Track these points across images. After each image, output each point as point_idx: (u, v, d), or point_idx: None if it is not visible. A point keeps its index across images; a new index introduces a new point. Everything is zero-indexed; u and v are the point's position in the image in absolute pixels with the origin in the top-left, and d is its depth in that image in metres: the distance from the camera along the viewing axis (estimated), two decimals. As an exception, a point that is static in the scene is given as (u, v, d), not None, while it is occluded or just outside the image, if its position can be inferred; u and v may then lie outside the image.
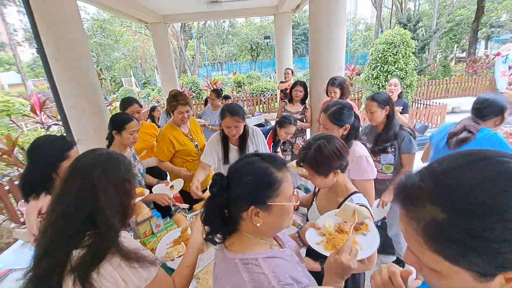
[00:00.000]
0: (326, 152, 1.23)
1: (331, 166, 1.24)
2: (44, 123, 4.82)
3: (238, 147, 2.20)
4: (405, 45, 6.03)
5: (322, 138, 1.27)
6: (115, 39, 18.38)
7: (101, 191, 0.86)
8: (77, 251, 0.81)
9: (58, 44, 3.10)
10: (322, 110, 1.77)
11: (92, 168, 0.88)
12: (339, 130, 1.69)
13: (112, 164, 0.93)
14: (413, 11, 16.97)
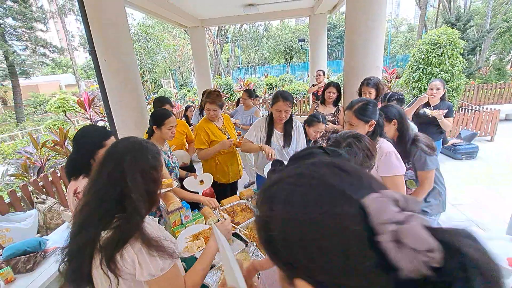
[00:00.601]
0: (357, 151, 1.19)
1: (362, 166, 1.19)
2: (92, 118, 5.29)
3: (283, 133, 2.37)
4: (452, 45, 5.58)
5: (352, 136, 1.23)
6: (157, 43, 19.59)
7: (129, 176, 0.91)
8: (105, 232, 0.87)
9: (108, 46, 3.41)
10: (347, 107, 1.73)
11: (124, 154, 0.94)
12: (365, 126, 1.65)
13: (142, 152, 0.98)
14: (463, 9, 15.64)
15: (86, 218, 0.89)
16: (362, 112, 1.64)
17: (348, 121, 1.72)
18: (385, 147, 1.61)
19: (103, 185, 0.91)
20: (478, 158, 4.82)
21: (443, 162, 4.83)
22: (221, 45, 22.46)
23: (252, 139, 2.41)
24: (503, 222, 3.03)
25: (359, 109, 1.65)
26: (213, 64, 22.15)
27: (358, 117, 1.65)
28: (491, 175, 4.17)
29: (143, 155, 0.97)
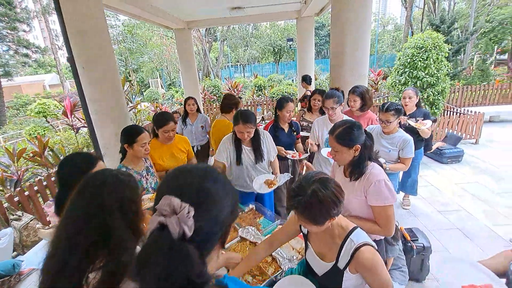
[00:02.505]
0: (322, 199, 1.08)
1: (329, 214, 1.11)
2: (74, 125, 5.10)
3: (252, 148, 2.40)
4: (437, 49, 5.64)
5: (317, 181, 1.12)
6: (143, 43, 19.19)
7: (107, 213, 0.85)
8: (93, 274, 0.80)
9: (86, 53, 3.26)
10: (329, 131, 1.63)
11: (99, 190, 0.89)
12: (349, 152, 1.54)
13: (118, 186, 0.93)
14: (447, 11, 15.95)
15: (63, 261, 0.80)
16: (344, 137, 1.53)
17: (331, 146, 1.62)
18: (375, 174, 1.52)
19: (79, 225, 0.84)
20: (464, 162, 4.90)
21: (430, 166, 4.89)
22: (210, 43, 22.20)
23: (221, 159, 2.38)
24: (487, 229, 3.07)
25: (340, 134, 1.55)
26: (202, 63, 21.89)
27: (340, 142, 1.54)
28: (475, 180, 4.24)
29: (119, 189, 0.92)
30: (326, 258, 1.28)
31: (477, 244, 2.85)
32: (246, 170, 2.45)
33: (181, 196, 0.55)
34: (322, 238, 1.30)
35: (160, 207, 0.53)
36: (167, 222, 0.51)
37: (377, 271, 1.12)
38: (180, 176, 0.62)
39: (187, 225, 0.52)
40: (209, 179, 0.61)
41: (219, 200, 0.60)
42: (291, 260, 1.70)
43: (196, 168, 0.64)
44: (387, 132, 2.54)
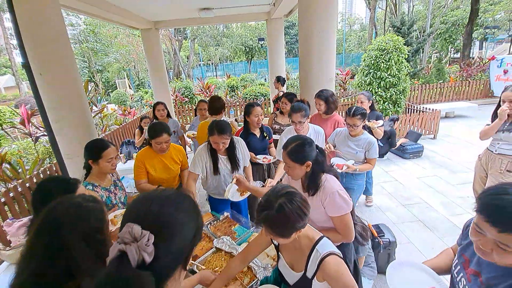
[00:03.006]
0: (289, 214, 1.12)
1: (294, 228, 1.15)
2: (33, 134, 4.72)
3: (228, 156, 2.41)
4: (397, 51, 6.01)
5: (284, 196, 1.16)
6: (108, 42, 18.18)
7: (71, 247, 0.82)
8: None
9: (44, 59, 3.05)
10: (282, 146, 1.70)
11: (60, 224, 0.85)
12: (301, 168, 1.60)
13: (82, 216, 0.89)
14: (406, 13, 16.99)
15: None
16: (296, 154, 1.59)
17: (284, 161, 1.67)
18: (328, 188, 1.58)
19: (40, 261, 0.81)
20: (424, 157, 5.28)
21: (394, 161, 5.20)
22: (180, 42, 21.62)
23: (197, 171, 2.34)
24: (445, 220, 3.34)
25: (292, 151, 1.60)
26: (172, 63, 21.27)
27: (292, 159, 1.60)
28: (434, 174, 4.59)
29: (84, 218, 0.89)
30: (296, 268, 1.33)
31: (437, 235, 3.09)
32: (224, 179, 2.45)
33: (142, 224, 0.57)
34: (291, 249, 1.35)
35: (122, 234, 0.56)
36: (126, 249, 0.54)
37: (342, 279, 1.19)
38: (144, 203, 0.64)
39: (147, 252, 0.54)
40: (171, 206, 0.63)
41: (180, 227, 0.62)
42: (266, 268, 1.74)
43: (160, 196, 0.66)
44: (353, 135, 2.67)
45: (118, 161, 4.52)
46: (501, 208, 0.81)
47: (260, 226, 1.27)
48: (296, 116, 2.52)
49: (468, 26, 12.84)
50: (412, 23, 10.98)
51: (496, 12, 21.00)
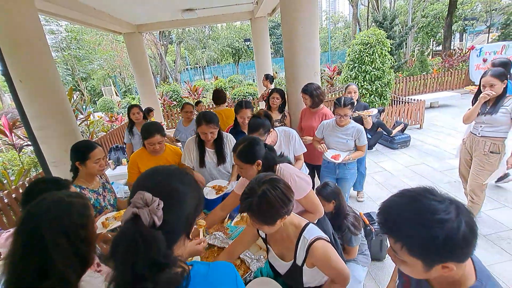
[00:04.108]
0: (272, 200, 1.12)
1: (279, 214, 1.16)
2: (16, 144, 4.59)
3: (215, 150, 2.43)
4: (380, 44, 6.12)
5: (267, 182, 1.17)
6: (91, 49, 17.84)
7: (50, 244, 0.79)
8: None
9: (23, 65, 2.98)
10: (232, 148, 1.73)
11: (41, 218, 0.82)
12: (252, 167, 1.63)
13: (64, 211, 0.86)
14: (389, 8, 17.34)
15: None
16: (246, 155, 1.61)
17: (236, 164, 1.71)
18: (286, 175, 1.60)
19: (19, 259, 0.78)
20: (411, 146, 5.39)
21: (383, 152, 5.29)
22: (165, 47, 21.43)
23: (187, 162, 2.41)
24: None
25: (241, 153, 1.62)
26: (159, 67, 21.05)
27: (242, 160, 1.62)
28: (422, 162, 4.69)
29: (66, 214, 0.86)
30: (285, 258, 1.34)
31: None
32: (209, 172, 2.46)
33: (153, 192, 0.64)
34: (279, 240, 1.35)
35: (134, 200, 0.63)
36: (139, 212, 0.61)
37: (331, 261, 1.20)
38: (153, 175, 0.73)
39: (157, 215, 0.62)
40: (176, 179, 0.72)
41: (184, 197, 0.70)
42: (259, 260, 1.74)
43: (167, 169, 0.76)
44: (342, 125, 2.71)
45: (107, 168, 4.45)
46: (387, 218, 0.80)
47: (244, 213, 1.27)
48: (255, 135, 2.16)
49: (447, 18, 13.20)
50: (394, 17, 11.21)
51: (474, 4, 21.68)
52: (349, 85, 3.49)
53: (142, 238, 0.58)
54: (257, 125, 2.23)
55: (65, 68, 17.63)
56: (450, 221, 0.69)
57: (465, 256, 0.73)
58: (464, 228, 0.69)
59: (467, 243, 0.70)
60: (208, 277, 0.72)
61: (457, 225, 0.69)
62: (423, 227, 0.72)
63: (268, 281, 1.44)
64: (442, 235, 0.69)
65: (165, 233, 0.62)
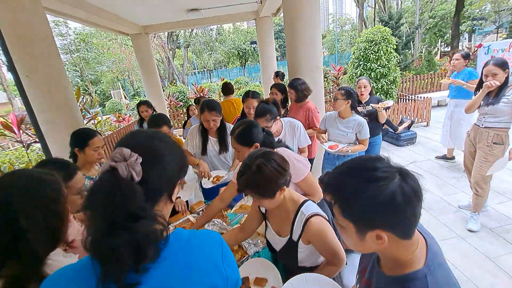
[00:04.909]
0: (267, 172, 1.13)
1: (277, 185, 1.15)
2: (24, 141, 4.70)
3: (218, 139, 2.45)
4: (386, 42, 6.07)
5: (260, 157, 1.17)
6: (100, 52, 18.23)
7: (21, 216, 0.78)
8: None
9: (30, 60, 3.05)
10: (230, 132, 1.75)
11: (10, 192, 0.81)
12: (250, 150, 1.61)
13: (35, 186, 0.85)
14: (395, 9, 17.23)
15: None
16: (242, 138, 1.63)
17: (233, 147, 1.73)
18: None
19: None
20: (418, 143, 5.29)
21: (389, 150, 5.21)
22: (173, 51, 21.74)
23: (189, 149, 2.45)
24: (440, 199, 3.34)
25: (238, 135, 1.64)
26: (167, 71, 21.34)
27: (240, 142, 1.64)
28: (428, 158, 4.59)
29: (37, 188, 0.85)
30: (282, 234, 1.33)
31: (433, 214, 3.09)
32: (210, 160, 2.48)
33: (132, 149, 0.63)
34: (278, 215, 1.34)
35: (113, 155, 0.62)
36: (117, 166, 0.60)
37: (326, 238, 1.18)
38: (133, 134, 0.72)
39: (135, 170, 0.60)
40: (157, 139, 0.71)
41: (165, 157, 0.69)
42: (257, 245, 1.72)
43: (149, 131, 0.75)
44: (342, 116, 2.69)
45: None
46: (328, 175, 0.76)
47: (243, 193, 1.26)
48: (261, 121, 2.19)
49: (455, 17, 13.01)
50: (400, 17, 11.12)
51: (482, 3, 21.33)
52: (360, 79, 3.34)
53: (119, 189, 0.57)
54: (264, 110, 2.22)
55: (74, 70, 18.05)
56: (385, 180, 0.64)
57: (400, 226, 0.67)
58: (400, 192, 0.63)
59: (401, 210, 0.64)
60: (190, 241, 0.70)
61: (392, 187, 0.63)
62: (354, 182, 0.67)
63: (264, 262, 1.43)
64: (372, 193, 0.64)
65: (145, 189, 0.61)
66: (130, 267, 0.57)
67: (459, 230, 2.77)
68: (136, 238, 0.56)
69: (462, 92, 3.84)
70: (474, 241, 2.61)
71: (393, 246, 0.69)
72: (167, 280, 0.61)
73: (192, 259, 0.65)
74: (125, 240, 0.55)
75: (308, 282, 1.16)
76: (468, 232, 2.73)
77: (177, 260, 0.64)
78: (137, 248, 0.57)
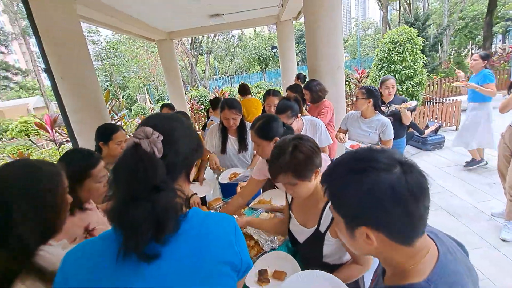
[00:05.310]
0: (305, 149, 1.11)
1: (314, 164, 1.13)
2: (57, 140, 5.02)
3: (237, 138, 2.46)
4: (411, 43, 5.87)
5: (293, 139, 1.16)
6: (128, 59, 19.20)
7: (14, 204, 0.76)
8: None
9: (64, 64, 3.28)
10: (250, 126, 1.73)
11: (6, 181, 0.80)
12: (270, 145, 1.60)
13: (31, 175, 0.83)
14: (422, 10, 16.62)
15: None
16: (262, 131, 1.62)
17: (253, 140, 1.71)
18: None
19: None
20: (446, 148, 5.02)
21: (415, 154, 4.99)
22: (196, 57, 22.41)
23: (208, 147, 2.48)
24: (470, 207, 3.13)
25: (258, 129, 1.63)
26: (189, 77, 22.00)
27: (260, 136, 1.63)
28: (457, 163, 4.34)
29: (32, 178, 0.83)
30: (308, 224, 1.28)
31: (462, 221, 2.90)
32: (230, 159, 2.50)
33: (153, 128, 0.67)
34: (305, 205, 1.30)
35: (136, 133, 0.67)
36: (140, 142, 0.64)
37: None
38: (154, 116, 0.77)
39: (157, 147, 0.65)
40: (174, 120, 0.76)
41: (182, 136, 0.73)
42: (273, 241, 1.71)
43: (168, 114, 0.81)
44: (365, 116, 2.62)
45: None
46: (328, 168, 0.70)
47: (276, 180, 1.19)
48: (282, 118, 2.18)
49: (487, 17, 12.30)
50: (427, 18, 10.70)
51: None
52: (388, 79, 3.15)
53: (143, 162, 0.61)
54: (286, 106, 2.23)
55: (104, 75, 19.10)
56: (380, 171, 0.57)
57: (391, 227, 0.58)
58: (389, 187, 0.55)
59: (387, 207, 0.56)
60: (207, 218, 0.72)
61: (380, 179, 0.56)
62: (343, 171, 0.63)
63: (284, 255, 1.40)
64: (357, 185, 0.58)
65: (165, 165, 0.64)
66: (151, 237, 0.59)
67: (492, 239, 2.58)
68: (157, 209, 0.59)
69: (476, 96, 3.73)
70: (507, 250, 2.42)
71: (388, 251, 0.62)
72: (186, 252, 0.63)
73: (209, 235, 0.68)
74: (147, 210, 0.58)
75: (319, 279, 1.11)
76: (501, 242, 2.53)
77: (195, 234, 0.66)
78: (158, 218, 0.59)
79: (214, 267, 0.64)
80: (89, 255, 0.64)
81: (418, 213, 0.57)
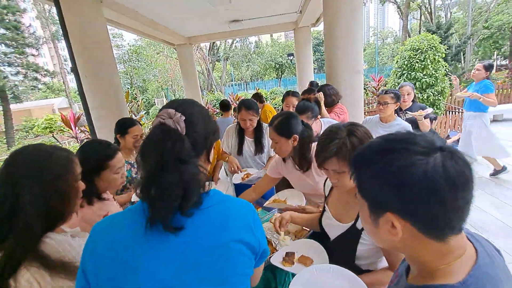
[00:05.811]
0: (360, 134, 1.08)
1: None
2: (78, 137, 5.22)
3: (254, 139, 2.45)
4: (433, 50, 5.71)
5: (347, 126, 1.12)
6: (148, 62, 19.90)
7: (23, 188, 0.78)
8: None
9: (89, 63, 3.43)
10: (269, 122, 1.72)
11: (18, 164, 0.81)
12: (288, 142, 1.59)
13: (42, 160, 0.84)
14: (444, 19, 16.23)
15: None
16: (282, 128, 1.59)
17: (271, 138, 1.68)
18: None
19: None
20: (469, 159, 4.80)
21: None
22: (213, 63, 22.89)
23: (224, 148, 2.50)
24: (497, 221, 2.96)
25: (277, 125, 1.61)
26: (206, 82, 22.45)
27: (279, 133, 1.60)
28: (482, 175, 4.13)
29: (44, 162, 0.84)
30: (344, 220, 1.20)
31: (486, 235, 2.74)
32: (245, 160, 2.50)
33: (175, 109, 0.71)
34: (342, 199, 1.24)
35: (160, 114, 0.71)
36: (165, 121, 0.68)
37: None
38: (175, 100, 0.80)
39: (180, 125, 0.68)
40: (194, 104, 0.79)
41: (202, 118, 0.76)
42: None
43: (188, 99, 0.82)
44: (384, 121, 2.55)
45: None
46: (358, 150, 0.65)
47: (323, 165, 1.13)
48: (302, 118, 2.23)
49: (515, 27, 11.84)
50: (450, 26, 10.42)
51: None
52: (403, 86, 3.09)
53: (169, 136, 0.65)
54: (306, 107, 2.24)
55: (125, 77, 19.84)
56: (415, 154, 0.51)
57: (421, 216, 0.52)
58: (423, 170, 0.49)
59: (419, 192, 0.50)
60: (226, 201, 0.73)
61: (421, 164, 0.50)
62: (379, 151, 0.56)
63: (315, 244, 1.32)
64: (392, 165, 0.52)
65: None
66: (176, 207, 0.63)
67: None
68: (183, 179, 0.63)
69: (473, 105, 3.73)
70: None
71: (416, 245, 0.56)
72: (208, 227, 0.66)
73: (229, 215, 0.70)
74: (174, 179, 0.62)
75: (334, 274, 1.04)
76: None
77: (217, 210, 0.69)
78: (184, 188, 0.63)
79: (232, 244, 0.66)
80: (117, 225, 0.68)
81: (455, 205, 0.50)
